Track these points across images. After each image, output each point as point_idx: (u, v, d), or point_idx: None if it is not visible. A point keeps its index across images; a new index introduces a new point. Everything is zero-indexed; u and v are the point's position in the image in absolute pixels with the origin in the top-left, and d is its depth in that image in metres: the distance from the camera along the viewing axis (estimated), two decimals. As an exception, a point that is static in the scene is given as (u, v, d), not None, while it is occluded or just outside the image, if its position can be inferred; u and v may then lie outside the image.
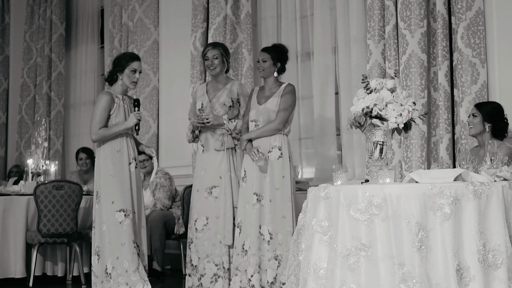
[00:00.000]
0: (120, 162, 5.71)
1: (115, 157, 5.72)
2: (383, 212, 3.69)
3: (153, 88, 8.91)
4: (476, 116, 5.06)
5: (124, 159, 5.73)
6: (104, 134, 5.71)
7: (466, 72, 5.69)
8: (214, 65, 6.07)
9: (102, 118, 5.71)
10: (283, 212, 5.70)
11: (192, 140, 6.18)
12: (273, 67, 5.89)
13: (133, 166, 5.77)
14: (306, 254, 4.04)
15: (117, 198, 5.64)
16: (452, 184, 3.76)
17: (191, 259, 6.00)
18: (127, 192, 5.68)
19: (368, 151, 4.21)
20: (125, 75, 5.75)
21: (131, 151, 5.79)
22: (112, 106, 5.73)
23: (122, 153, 5.73)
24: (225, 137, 5.99)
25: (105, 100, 5.73)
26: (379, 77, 6.00)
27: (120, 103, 5.77)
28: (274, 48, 5.96)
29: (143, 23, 9.02)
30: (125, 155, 5.74)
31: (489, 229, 3.73)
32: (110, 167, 5.70)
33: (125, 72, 5.74)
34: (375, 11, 6.23)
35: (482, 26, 5.74)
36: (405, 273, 3.59)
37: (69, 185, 6.86)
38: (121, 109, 5.76)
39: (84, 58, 10.58)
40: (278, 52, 5.92)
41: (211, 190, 5.97)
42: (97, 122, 5.71)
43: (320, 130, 7.18)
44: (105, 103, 5.72)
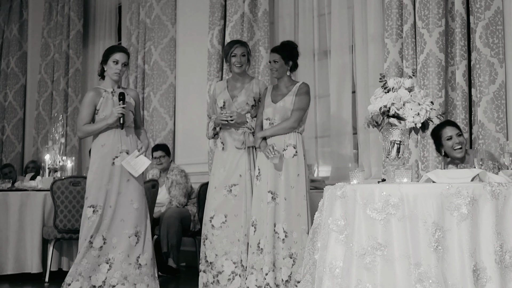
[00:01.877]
0: (102, 157, 5.72)
1: (99, 151, 5.73)
2: (399, 212, 3.68)
3: (169, 85, 8.92)
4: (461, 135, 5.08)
5: (107, 154, 5.71)
6: (88, 130, 5.75)
7: (484, 71, 5.66)
8: (241, 63, 6.06)
9: (86, 115, 5.74)
10: (298, 210, 5.70)
11: (212, 137, 6.18)
12: (285, 66, 5.89)
13: (119, 160, 5.73)
14: (322, 253, 4.04)
15: (90, 193, 5.68)
16: (470, 184, 3.75)
17: (206, 255, 5.98)
18: (103, 188, 5.67)
19: (385, 150, 4.21)
20: (108, 66, 5.77)
21: (120, 145, 5.75)
22: (97, 101, 5.74)
23: (106, 147, 5.72)
24: (246, 135, 5.99)
25: (89, 96, 5.78)
26: (396, 76, 5.98)
27: (108, 96, 5.76)
28: (283, 47, 5.95)
29: (161, 20, 9.03)
30: (109, 150, 5.72)
31: (506, 230, 3.72)
32: (93, 162, 5.76)
33: (108, 63, 5.76)
34: (393, 9, 6.21)
35: (500, 25, 5.71)
36: (421, 273, 3.58)
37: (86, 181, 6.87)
38: (109, 103, 5.75)
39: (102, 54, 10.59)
40: (287, 50, 5.90)
41: (230, 188, 5.95)
42: (80, 119, 5.77)
43: (336, 129, 7.16)
44: (89, 99, 5.76)
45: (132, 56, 9.32)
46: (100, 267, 5.65)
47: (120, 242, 5.71)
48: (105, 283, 5.65)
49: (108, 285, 5.65)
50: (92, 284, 5.62)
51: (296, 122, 5.79)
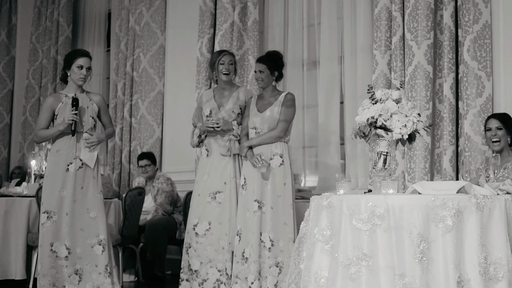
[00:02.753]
0: (56, 163, 5.69)
1: (54, 157, 5.71)
2: (385, 223, 3.69)
3: (158, 93, 8.91)
4: (502, 129, 5.01)
5: (61, 160, 5.68)
6: (42, 135, 5.76)
7: (472, 85, 5.69)
8: (229, 70, 6.09)
9: (42, 120, 5.74)
10: (285, 219, 5.71)
11: (197, 144, 6.18)
12: (271, 77, 5.92)
13: (73, 166, 5.69)
14: (307, 262, 4.04)
15: (45, 199, 5.64)
16: (455, 196, 3.76)
17: (190, 264, 5.97)
18: (56, 194, 5.64)
19: (371, 161, 4.22)
20: (72, 71, 5.73)
21: (74, 151, 5.70)
22: (55, 106, 5.72)
23: (61, 153, 5.69)
24: (232, 143, 6.00)
25: (47, 102, 5.78)
26: (384, 87, 6.00)
27: (67, 101, 5.72)
28: (269, 58, 5.99)
29: (150, 27, 9.03)
30: (64, 156, 5.68)
31: (490, 242, 3.73)
32: (48, 168, 5.74)
33: (72, 68, 5.73)
34: (382, 21, 6.24)
35: (488, 39, 5.74)
36: (406, 284, 3.58)
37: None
38: (67, 108, 5.69)
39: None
40: (273, 60, 5.94)
41: (215, 195, 5.96)
42: (37, 124, 5.79)
43: (324, 139, 7.18)
44: (47, 104, 5.75)
45: (120, 63, 9.34)
46: (71, 278, 5.61)
47: (85, 253, 5.68)
48: None
49: None
50: None
51: (283, 131, 5.82)
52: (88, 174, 5.77)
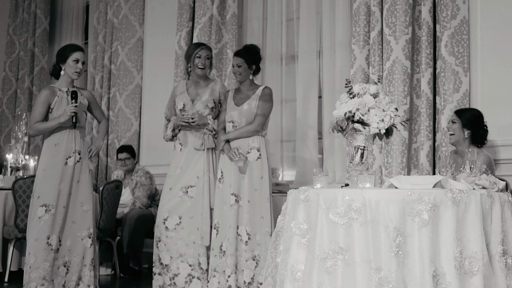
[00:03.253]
0: (55, 157, 5.67)
1: (52, 151, 5.68)
2: (362, 217, 3.70)
3: (136, 86, 8.87)
4: (456, 123, 5.10)
5: (60, 153, 5.67)
6: (39, 128, 5.70)
7: (449, 80, 5.72)
8: (205, 65, 6.06)
9: (38, 113, 5.68)
10: (262, 213, 5.72)
11: (170, 138, 6.16)
12: (248, 71, 5.92)
13: (72, 160, 5.69)
14: (284, 256, 4.04)
15: (42, 193, 5.62)
16: (431, 190, 3.78)
17: (160, 258, 5.97)
18: (55, 187, 5.62)
19: (349, 155, 4.22)
20: (67, 65, 5.71)
21: (74, 145, 5.71)
22: (52, 99, 5.70)
23: (60, 147, 5.68)
24: (206, 137, 5.98)
25: (43, 95, 5.73)
26: (362, 82, 5.98)
27: (63, 96, 5.72)
28: (247, 51, 5.98)
29: (128, 20, 8.98)
30: (63, 149, 5.68)
31: (466, 237, 3.75)
32: (44, 161, 5.69)
33: (68, 62, 5.70)
34: (361, 16, 6.24)
35: (466, 35, 5.77)
36: (382, 278, 3.60)
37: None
38: (63, 102, 5.70)
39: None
40: (251, 54, 5.93)
41: (187, 189, 5.95)
42: (33, 117, 5.72)
43: (302, 133, 7.18)
44: (43, 97, 5.71)
45: (98, 56, 9.29)
46: (60, 270, 5.63)
47: (75, 245, 5.70)
48: (65, 287, 5.63)
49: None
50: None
51: (260, 125, 5.82)
52: (84, 168, 5.80)
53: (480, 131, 5.09)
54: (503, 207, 4.00)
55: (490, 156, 4.97)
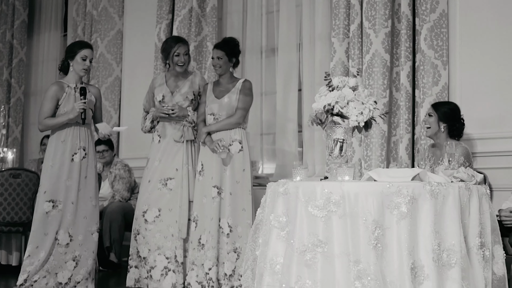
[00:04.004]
0: (61, 153, 5.67)
1: (58, 147, 5.68)
2: (340, 209, 3.71)
3: (115, 79, 8.83)
4: (432, 116, 5.15)
5: (67, 150, 5.67)
6: (49, 124, 5.69)
7: (428, 73, 5.74)
8: (184, 62, 6.06)
9: (48, 108, 5.68)
10: (243, 205, 5.73)
11: (149, 130, 6.15)
12: (229, 63, 5.92)
13: (78, 156, 5.70)
14: (263, 249, 4.04)
15: (49, 188, 5.62)
16: (410, 183, 3.79)
17: (138, 251, 5.96)
18: (62, 183, 5.64)
19: (328, 148, 4.23)
20: (75, 62, 5.72)
21: (79, 141, 5.72)
22: (60, 95, 5.69)
23: (66, 143, 5.68)
24: (185, 129, 5.97)
25: (52, 90, 5.72)
26: (342, 75, 6.00)
27: (71, 92, 5.73)
28: (226, 44, 5.98)
29: (108, 12, 8.93)
30: (69, 146, 5.68)
31: (444, 229, 3.77)
32: (51, 157, 5.68)
33: (76, 59, 5.71)
34: (341, 9, 6.25)
35: (445, 28, 5.80)
36: (360, 270, 3.61)
37: (26, 174, 6.79)
38: (71, 98, 5.71)
39: (47, 45, 10.43)
40: (231, 47, 5.94)
41: (166, 181, 5.95)
42: (43, 112, 5.70)
43: (282, 126, 7.18)
44: (52, 92, 5.70)
45: (77, 48, 9.21)
46: (67, 264, 5.66)
47: (87, 240, 5.75)
48: (71, 280, 5.67)
49: (74, 282, 5.68)
50: (58, 281, 5.62)
51: (241, 118, 5.83)
52: (90, 163, 5.81)
53: (456, 124, 5.14)
54: (481, 199, 4.03)
55: (467, 148, 5.01)
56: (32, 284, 5.52)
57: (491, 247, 4.04)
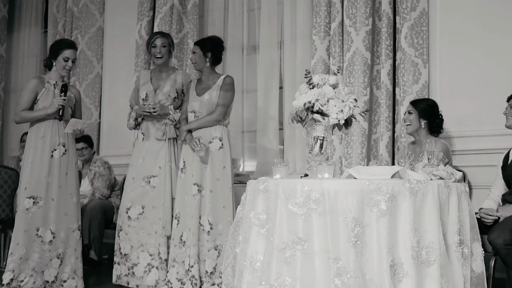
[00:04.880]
0: (41, 149, 5.65)
1: (38, 143, 5.66)
2: (320, 207, 3.71)
3: (96, 76, 8.79)
4: (412, 113, 5.19)
5: (46, 146, 5.66)
6: (26, 117, 5.68)
7: (408, 71, 5.77)
8: (161, 53, 6.07)
9: (26, 100, 5.67)
10: (224, 202, 5.73)
11: (133, 127, 6.16)
12: (203, 58, 5.90)
13: (58, 153, 5.68)
14: (243, 246, 4.04)
15: (30, 184, 5.60)
16: (389, 181, 3.80)
17: (121, 247, 5.98)
18: (43, 179, 5.62)
19: (308, 145, 4.23)
20: (58, 62, 5.72)
21: (58, 138, 5.70)
22: (40, 89, 5.69)
23: (46, 139, 5.66)
24: (167, 127, 5.98)
25: (32, 83, 5.72)
26: (323, 73, 6.02)
27: (50, 88, 5.72)
28: (204, 40, 6.01)
29: (88, 9, 8.88)
30: (48, 142, 5.66)
31: (423, 227, 3.79)
32: (31, 153, 5.67)
33: (58, 59, 5.71)
34: (322, 7, 6.26)
35: (425, 27, 5.82)
36: (340, 268, 3.61)
37: (5, 171, 6.76)
38: (50, 94, 5.70)
39: (27, 42, 10.36)
40: (208, 43, 5.93)
41: (149, 179, 5.97)
42: (20, 104, 5.69)
43: (263, 124, 7.18)
44: (32, 86, 5.70)
45: (58, 45, 9.17)
46: (52, 262, 5.64)
47: (69, 237, 5.73)
48: (57, 278, 5.66)
49: (60, 280, 5.67)
50: (45, 280, 5.61)
51: (221, 115, 5.82)
52: (71, 160, 5.78)
53: (436, 120, 5.19)
54: (460, 197, 4.06)
55: (447, 144, 5.06)
56: (19, 284, 5.49)
57: (470, 244, 4.06)
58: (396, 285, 3.66)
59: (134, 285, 5.93)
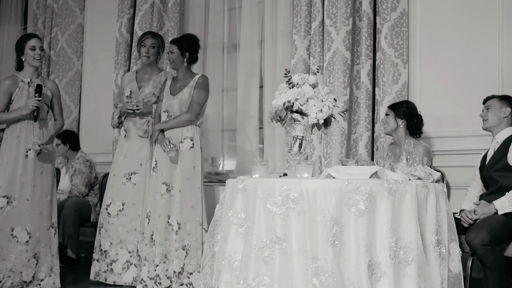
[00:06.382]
0: (16, 149, 5.62)
1: (13, 142, 5.64)
2: (299, 206, 3.72)
3: (76, 73, 8.74)
4: (389, 115, 5.22)
5: (21, 146, 5.62)
6: (1, 118, 5.64)
7: (388, 72, 5.78)
8: (149, 54, 6.10)
9: (0, 102, 5.62)
10: (192, 202, 5.74)
11: (117, 125, 6.17)
12: (181, 57, 5.91)
13: (32, 152, 5.64)
14: (221, 245, 4.04)
15: (4, 184, 5.57)
16: (368, 181, 3.82)
17: (100, 244, 5.98)
18: (17, 179, 5.59)
19: (287, 145, 4.24)
20: (26, 55, 5.70)
21: (33, 137, 5.65)
22: (13, 89, 5.65)
23: (20, 139, 5.63)
24: (150, 125, 6.00)
25: (5, 84, 5.68)
26: (303, 72, 6.01)
27: (24, 87, 5.68)
28: (181, 39, 6.03)
29: (68, 5, 8.83)
30: (23, 142, 5.63)
31: (401, 227, 3.81)
32: (6, 152, 5.64)
33: (25, 52, 5.69)
34: (302, 6, 6.26)
35: (405, 27, 5.84)
36: (318, 267, 3.62)
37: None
38: (24, 94, 5.66)
39: (6, 38, 10.28)
40: (185, 42, 5.94)
41: (130, 176, 5.98)
42: None
43: (243, 123, 7.17)
44: (5, 87, 5.66)
45: (38, 42, 9.12)
46: (30, 262, 5.60)
47: (43, 236, 5.69)
48: (35, 278, 5.62)
49: (37, 279, 5.63)
50: (23, 280, 5.57)
51: (194, 115, 5.82)
52: (46, 159, 5.73)
53: (414, 120, 5.21)
54: (438, 197, 4.08)
55: (428, 146, 5.08)
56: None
57: (447, 244, 4.09)
58: (373, 285, 3.68)
59: (112, 282, 5.94)
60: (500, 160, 4.74)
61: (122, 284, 5.91)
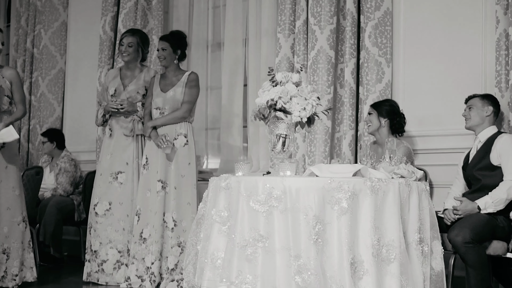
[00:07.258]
0: None
1: None
2: (282, 204, 3.72)
3: (59, 71, 8.71)
4: (372, 113, 5.23)
5: None
6: None
7: (372, 70, 5.79)
8: (127, 52, 6.08)
9: None
10: (188, 199, 5.73)
11: (101, 124, 6.14)
12: (173, 55, 5.90)
13: None
14: (204, 243, 4.03)
15: None
16: (351, 179, 3.82)
17: (92, 245, 5.95)
18: None
19: (271, 143, 4.24)
20: None
21: None
22: None
23: None
24: (135, 123, 5.97)
25: None
26: (287, 71, 6.04)
27: None
28: (172, 36, 5.99)
29: (52, 3, 8.79)
30: None
31: (384, 225, 3.82)
32: None
33: None
34: (287, 5, 6.27)
35: (389, 26, 5.85)
36: (301, 265, 3.63)
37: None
38: None
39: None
40: (176, 39, 5.93)
41: (116, 175, 5.95)
42: None
43: (227, 121, 7.17)
44: None
45: (21, 39, 9.10)
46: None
47: (12, 231, 5.59)
48: (7, 273, 5.54)
49: (11, 274, 5.55)
50: None
51: (187, 112, 5.81)
52: (11, 153, 5.65)
53: (397, 118, 5.22)
54: (420, 196, 4.09)
55: (409, 147, 5.08)
56: None
57: (430, 242, 4.10)
58: (356, 283, 3.69)
59: (104, 282, 5.89)
60: (482, 159, 4.76)
61: (114, 284, 5.86)
